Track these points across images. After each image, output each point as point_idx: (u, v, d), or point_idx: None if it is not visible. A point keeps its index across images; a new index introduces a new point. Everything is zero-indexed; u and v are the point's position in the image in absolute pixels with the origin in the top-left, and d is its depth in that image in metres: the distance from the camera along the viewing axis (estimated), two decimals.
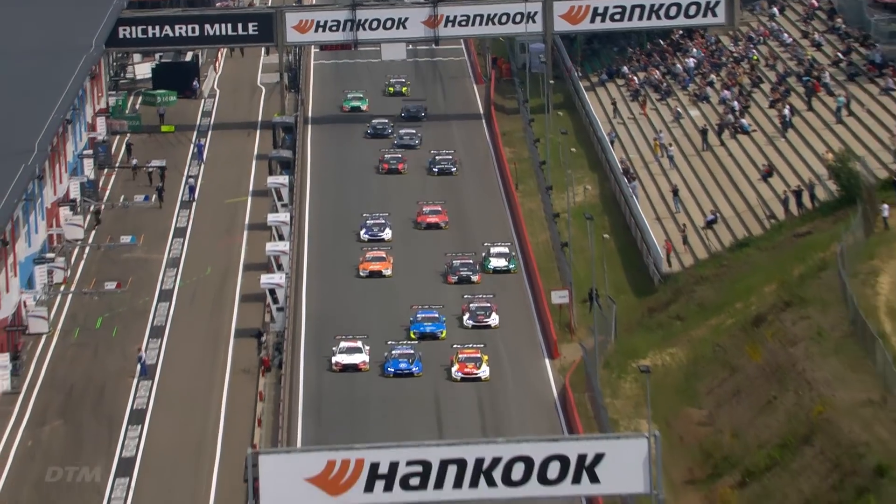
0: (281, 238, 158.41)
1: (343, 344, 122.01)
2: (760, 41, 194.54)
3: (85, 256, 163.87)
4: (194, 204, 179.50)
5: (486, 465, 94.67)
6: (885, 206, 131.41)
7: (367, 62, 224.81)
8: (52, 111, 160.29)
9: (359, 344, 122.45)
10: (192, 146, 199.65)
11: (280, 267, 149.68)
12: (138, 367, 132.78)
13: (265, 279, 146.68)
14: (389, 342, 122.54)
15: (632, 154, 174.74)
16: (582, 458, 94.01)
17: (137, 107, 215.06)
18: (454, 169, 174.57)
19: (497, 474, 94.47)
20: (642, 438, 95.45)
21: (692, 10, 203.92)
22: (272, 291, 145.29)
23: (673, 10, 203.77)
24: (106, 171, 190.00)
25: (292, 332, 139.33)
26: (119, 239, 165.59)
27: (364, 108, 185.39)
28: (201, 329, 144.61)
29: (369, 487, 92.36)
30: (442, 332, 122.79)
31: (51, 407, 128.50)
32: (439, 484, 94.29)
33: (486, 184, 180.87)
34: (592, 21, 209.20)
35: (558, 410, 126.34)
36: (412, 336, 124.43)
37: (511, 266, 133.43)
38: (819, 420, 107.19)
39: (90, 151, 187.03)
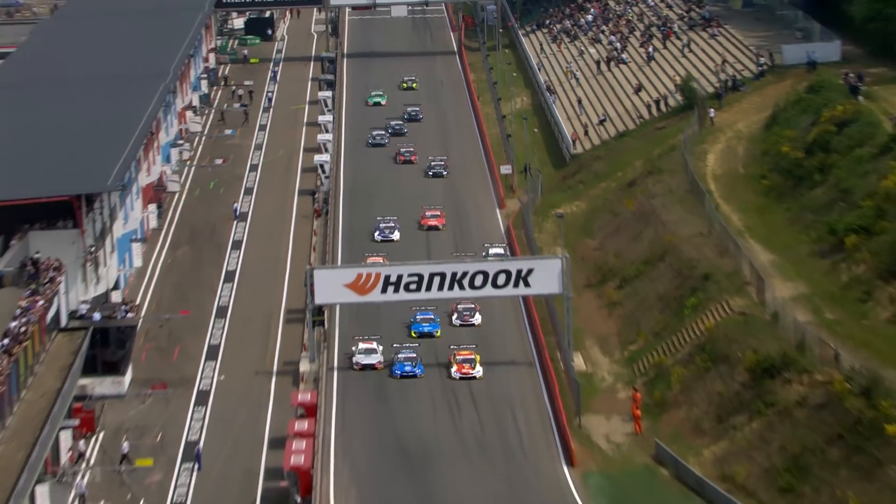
0: (326, 131, 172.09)
1: (361, 346, 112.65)
2: (634, 4, 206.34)
3: (202, 142, 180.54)
4: (271, 109, 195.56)
5: (458, 276, 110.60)
6: (712, 110, 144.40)
7: (383, 18, 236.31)
8: (181, 48, 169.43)
9: (374, 345, 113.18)
10: (269, 72, 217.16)
11: (326, 150, 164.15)
12: (235, 213, 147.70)
13: (317, 158, 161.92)
14: (395, 345, 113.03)
15: (552, 77, 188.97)
16: (520, 271, 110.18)
17: (235, 46, 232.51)
18: (445, 173, 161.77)
19: (465, 282, 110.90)
20: (557, 259, 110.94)
21: None
22: (321, 165, 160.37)
23: None
24: (214, 88, 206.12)
25: (334, 191, 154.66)
26: (224, 131, 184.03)
27: (384, 102, 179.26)
28: (277, 189, 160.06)
29: (384, 290, 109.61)
30: (437, 332, 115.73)
31: (181, 238, 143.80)
32: (429, 288, 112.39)
33: (458, 97, 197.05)
34: None
35: (507, 241, 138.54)
36: (413, 335, 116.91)
37: None
38: (668, 245, 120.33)
39: (205, 75, 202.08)
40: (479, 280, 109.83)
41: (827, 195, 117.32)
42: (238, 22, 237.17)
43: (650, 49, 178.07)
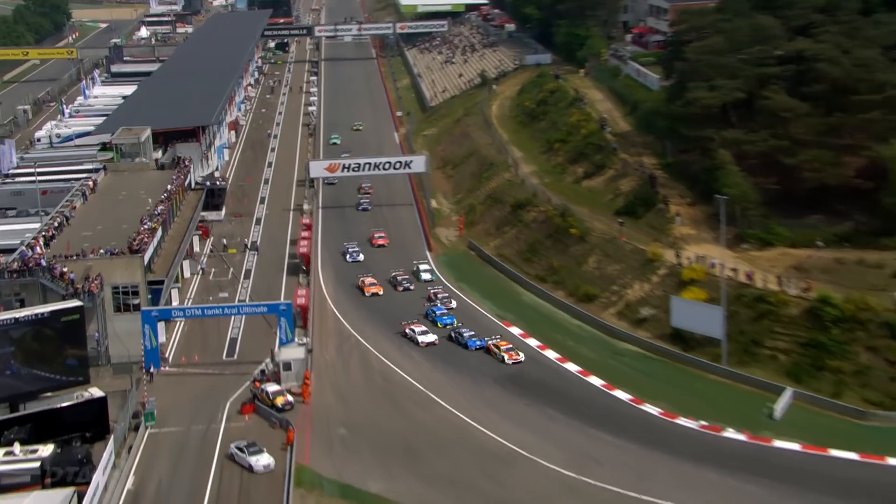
0: (313, 96, 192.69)
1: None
2: (457, 35, 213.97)
3: (255, 102, 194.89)
4: (287, 85, 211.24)
5: (374, 165, 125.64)
6: (494, 85, 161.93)
7: (341, 41, 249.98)
8: (245, 55, 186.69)
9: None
10: (286, 67, 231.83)
11: (314, 105, 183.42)
12: (270, 136, 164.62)
13: (311, 108, 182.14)
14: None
15: (421, 71, 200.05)
16: (406, 161, 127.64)
17: (269, 55, 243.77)
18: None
19: (380, 166, 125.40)
20: (423, 155, 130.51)
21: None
22: (312, 112, 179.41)
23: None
24: (261, 75, 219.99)
25: (319, 121, 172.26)
26: (266, 97, 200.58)
27: (339, 142, 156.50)
28: (291, 123, 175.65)
29: (342, 171, 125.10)
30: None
31: (247, 147, 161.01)
32: (362, 170, 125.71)
33: (376, 79, 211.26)
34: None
35: (400, 148, 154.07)
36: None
37: (433, 278, 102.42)
38: (474, 148, 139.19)
39: (256, 68, 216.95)
40: (387, 166, 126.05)
41: (546, 125, 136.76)
42: (271, 43, 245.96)
43: (465, 56, 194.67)
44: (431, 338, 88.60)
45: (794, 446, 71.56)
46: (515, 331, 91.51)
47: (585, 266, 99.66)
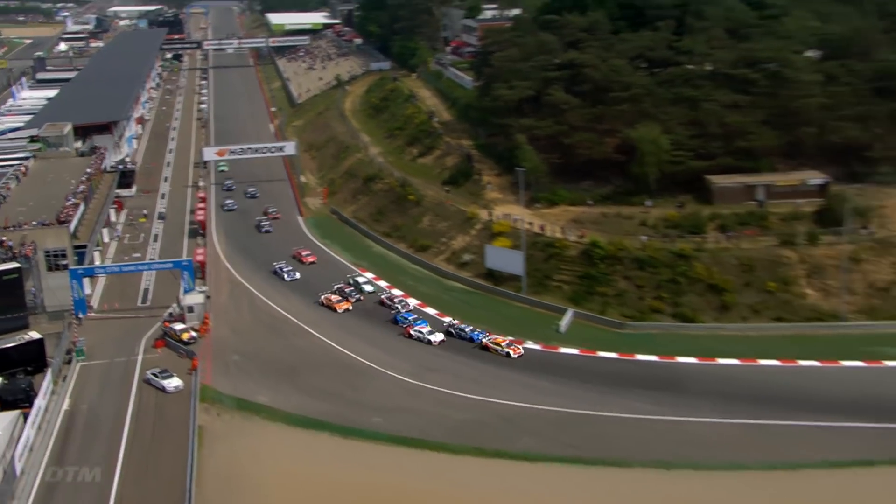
0: (204, 96, 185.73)
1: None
2: (317, 47, 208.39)
3: (157, 101, 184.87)
4: (183, 88, 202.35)
5: (255, 150, 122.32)
6: (347, 86, 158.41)
7: (224, 52, 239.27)
8: (148, 64, 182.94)
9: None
10: (181, 74, 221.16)
11: (205, 104, 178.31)
12: (170, 128, 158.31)
13: (202, 107, 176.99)
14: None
15: (289, 76, 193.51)
16: (280, 147, 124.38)
17: (167, 64, 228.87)
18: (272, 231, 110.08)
19: (259, 150, 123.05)
20: (293, 142, 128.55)
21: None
22: (201, 103, 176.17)
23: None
24: (161, 80, 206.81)
25: (209, 116, 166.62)
26: (165, 97, 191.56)
27: (226, 169, 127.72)
28: (187, 117, 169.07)
29: (229, 155, 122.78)
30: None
31: (152, 136, 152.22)
32: (243, 154, 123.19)
33: (253, 84, 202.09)
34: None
35: (274, 136, 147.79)
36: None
37: (373, 289, 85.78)
38: (334, 135, 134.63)
39: (157, 74, 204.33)
40: (264, 150, 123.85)
41: (387, 116, 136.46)
42: (168, 55, 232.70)
43: (324, 64, 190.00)
44: (440, 337, 76.69)
45: (574, 351, 74.44)
46: (369, 275, 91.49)
47: (421, 224, 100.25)
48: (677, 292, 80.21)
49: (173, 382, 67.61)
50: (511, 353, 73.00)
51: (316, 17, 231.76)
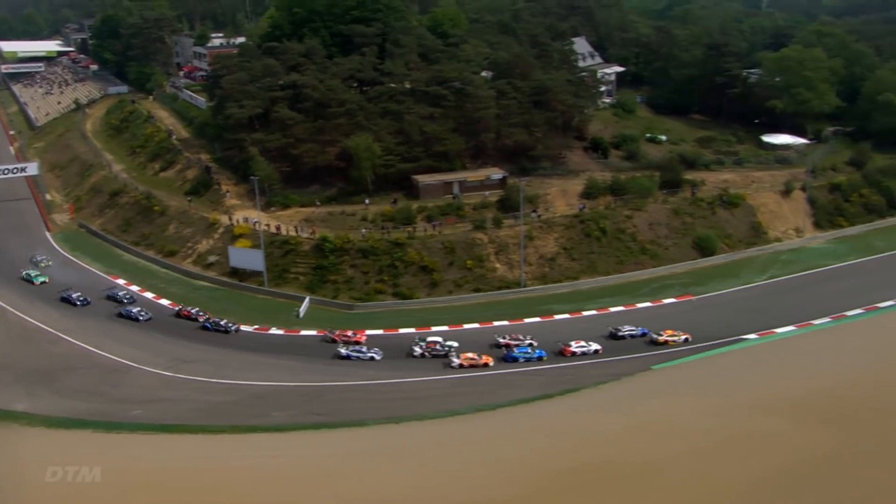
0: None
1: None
2: (53, 73, 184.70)
3: None
4: None
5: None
6: (87, 109, 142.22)
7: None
8: None
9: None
10: None
11: None
12: None
13: None
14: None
15: (27, 101, 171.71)
16: (22, 168, 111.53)
17: None
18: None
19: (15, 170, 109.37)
20: (35, 162, 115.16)
21: None
22: None
23: None
24: None
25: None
26: None
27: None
28: None
29: None
30: None
31: None
32: None
33: None
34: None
35: (15, 158, 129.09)
36: None
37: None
38: (76, 154, 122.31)
39: None
40: (6, 172, 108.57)
41: (129, 136, 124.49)
42: None
43: (61, 89, 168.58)
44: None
45: (313, 332, 74.62)
46: (121, 281, 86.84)
47: (167, 231, 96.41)
48: (396, 275, 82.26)
49: None
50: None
51: (50, 45, 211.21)
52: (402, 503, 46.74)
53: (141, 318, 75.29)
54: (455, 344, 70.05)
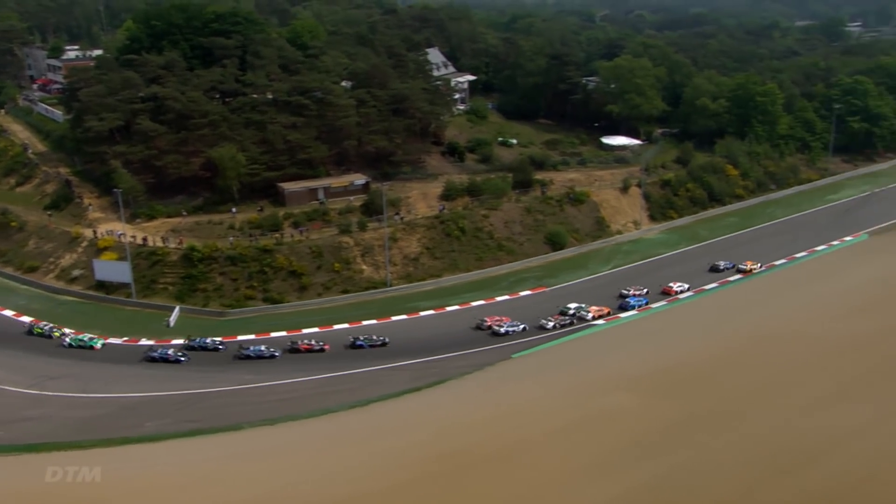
0: None
1: None
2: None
3: None
4: None
5: None
6: None
7: None
8: None
9: None
10: None
11: None
12: None
13: None
14: None
15: None
16: None
17: None
18: None
19: None
20: None
21: None
22: None
23: None
24: None
25: None
26: None
27: None
28: None
29: None
30: None
31: None
32: None
33: None
34: None
35: None
36: None
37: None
38: None
39: None
40: None
41: None
42: None
43: None
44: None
45: (180, 340, 71.98)
46: None
47: (27, 247, 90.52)
48: (265, 281, 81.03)
49: None
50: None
51: None
52: (281, 502, 46.06)
53: None
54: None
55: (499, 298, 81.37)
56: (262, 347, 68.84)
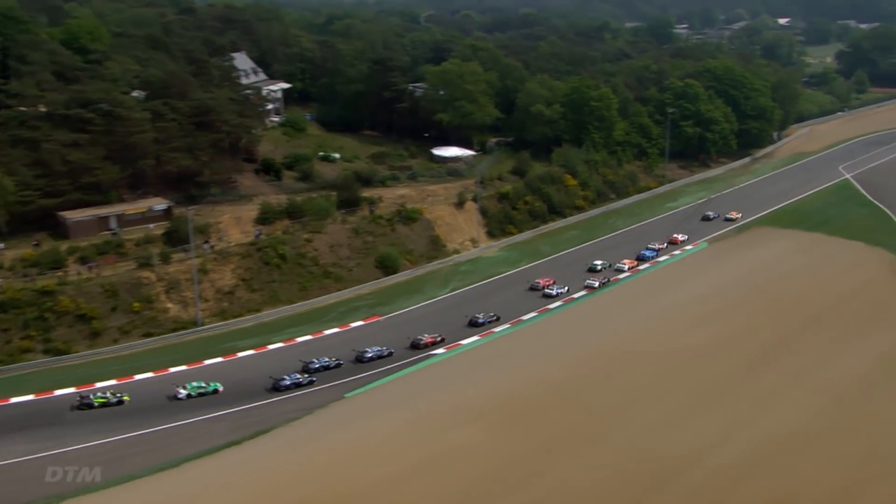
0: None
1: None
2: None
3: None
4: None
5: None
6: None
7: None
8: None
9: None
10: None
11: None
12: None
13: None
14: None
15: None
16: None
17: None
18: None
19: None
20: None
21: None
22: None
23: None
24: None
25: None
26: None
27: None
28: None
29: None
30: None
31: None
32: None
33: None
34: None
35: None
36: None
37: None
38: None
39: None
40: None
41: None
42: None
43: None
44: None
45: None
46: None
47: None
48: (46, 328, 76.50)
49: None
50: None
51: None
52: None
53: None
54: None
55: (327, 332, 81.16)
56: None
